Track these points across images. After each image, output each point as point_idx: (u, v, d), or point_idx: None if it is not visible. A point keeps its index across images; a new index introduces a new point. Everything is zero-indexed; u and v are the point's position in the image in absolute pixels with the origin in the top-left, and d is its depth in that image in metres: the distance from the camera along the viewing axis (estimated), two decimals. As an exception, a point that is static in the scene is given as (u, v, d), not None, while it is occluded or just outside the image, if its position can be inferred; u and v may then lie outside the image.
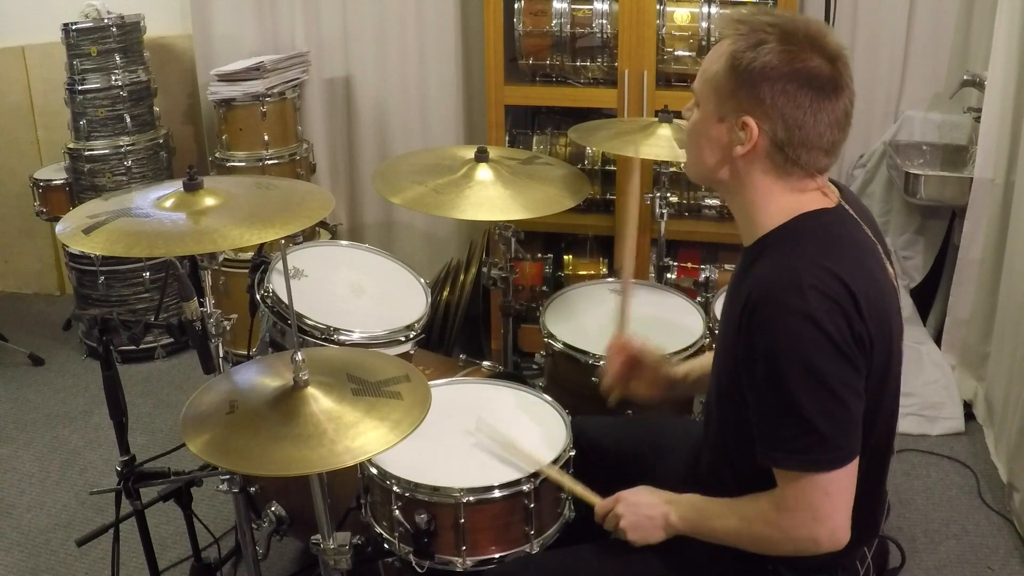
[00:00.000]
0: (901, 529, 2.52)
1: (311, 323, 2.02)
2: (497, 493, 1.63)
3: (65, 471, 2.89)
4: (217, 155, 3.46)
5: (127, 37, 3.41)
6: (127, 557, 2.24)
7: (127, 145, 3.45)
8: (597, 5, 3.03)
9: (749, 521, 1.40)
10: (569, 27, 3.05)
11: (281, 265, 1.55)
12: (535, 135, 3.33)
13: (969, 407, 3.03)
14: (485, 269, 2.63)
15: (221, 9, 3.63)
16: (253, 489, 2.03)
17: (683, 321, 2.34)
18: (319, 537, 1.57)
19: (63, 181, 3.52)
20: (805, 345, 1.27)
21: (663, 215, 2.66)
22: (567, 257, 3.34)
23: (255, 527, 2.07)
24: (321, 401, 1.43)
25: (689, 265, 3.22)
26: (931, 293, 3.34)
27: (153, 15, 3.59)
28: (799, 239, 1.36)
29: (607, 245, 3.26)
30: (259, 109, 3.35)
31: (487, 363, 2.28)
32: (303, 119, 3.64)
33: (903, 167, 3.13)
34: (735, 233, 1.50)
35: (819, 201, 1.40)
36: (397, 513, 1.65)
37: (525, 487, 1.65)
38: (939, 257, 3.33)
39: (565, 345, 2.21)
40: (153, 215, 1.75)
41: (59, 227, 1.75)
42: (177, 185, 1.82)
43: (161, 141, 3.57)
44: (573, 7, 3.04)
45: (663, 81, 3.06)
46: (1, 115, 3.96)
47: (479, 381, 2.05)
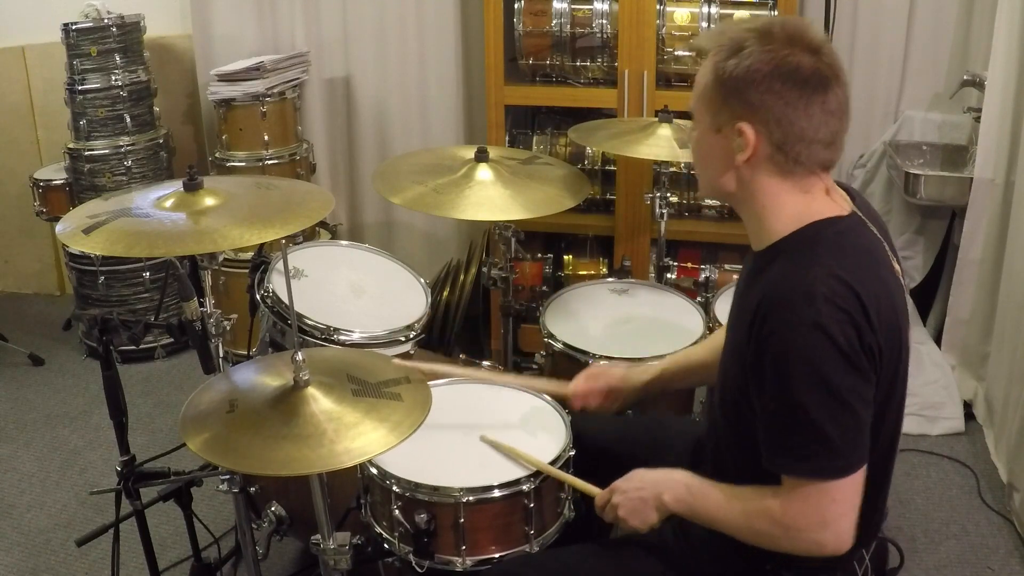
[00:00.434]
0: (901, 529, 2.52)
1: (311, 323, 2.03)
2: (497, 493, 1.63)
3: (65, 471, 2.89)
4: (217, 155, 3.46)
5: (127, 37, 3.41)
6: (127, 557, 2.24)
7: (127, 145, 3.45)
8: (597, 5, 3.03)
9: (752, 517, 1.39)
10: (569, 27, 3.05)
11: (281, 265, 1.55)
12: (535, 135, 3.33)
13: (969, 407, 3.03)
14: (485, 269, 2.63)
15: (221, 9, 3.63)
16: (253, 489, 2.02)
17: (683, 321, 2.34)
18: (319, 537, 1.57)
19: (63, 181, 3.52)
20: (815, 354, 1.27)
21: (663, 215, 2.65)
22: (567, 257, 3.34)
23: (255, 527, 2.07)
24: (321, 401, 1.43)
25: (689, 265, 3.22)
26: (931, 293, 3.33)
27: (153, 15, 3.59)
28: (813, 247, 1.35)
29: (607, 245, 3.26)
30: (259, 109, 3.35)
31: (487, 363, 2.28)
32: (303, 119, 3.64)
33: (903, 167, 3.12)
34: (735, 233, 1.50)
35: (830, 206, 1.40)
36: (397, 513, 1.65)
37: (525, 487, 1.65)
38: (939, 257, 3.33)
39: (565, 345, 2.21)
40: (153, 215, 1.75)
41: (59, 227, 1.75)
42: (177, 185, 1.82)
43: (161, 141, 3.57)
44: (573, 7, 3.04)
45: (663, 81, 3.06)
46: (1, 115, 3.96)
47: (479, 381, 2.05)
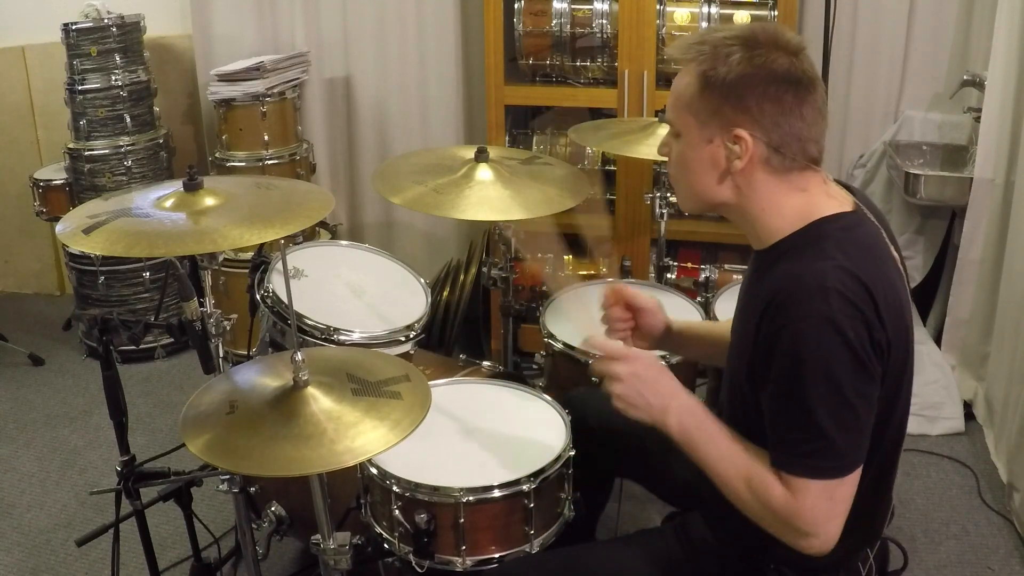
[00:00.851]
0: (901, 529, 2.52)
1: (311, 323, 2.03)
2: (497, 493, 1.63)
3: (65, 471, 2.89)
4: (217, 155, 3.46)
5: (127, 37, 3.41)
6: (127, 557, 2.24)
7: (127, 145, 3.45)
8: (597, 5, 3.03)
9: (751, 489, 1.36)
10: (569, 27, 3.05)
11: (281, 265, 1.55)
12: (535, 135, 3.33)
13: (969, 407, 3.03)
14: (485, 269, 2.62)
15: (221, 9, 3.63)
16: (253, 489, 2.02)
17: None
18: (319, 537, 1.57)
19: (63, 181, 3.52)
20: (825, 351, 1.27)
21: (663, 215, 2.65)
22: (567, 257, 3.34)
23: (255, 527, 2.07)
24: (321, 401, 1.43)
25: (689, 265, 3.22)
26: (931, 293, 3.33)
27: (153, 15, 3.59)
28: (820, 243, 1.34)
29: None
30: (259, 109, 3.35)
31: (487, 363, 2.28)
32: (303, 119, 3.64)
33: (903, 167, 3.12)
34: (735, 233, 1.50)
35: (832, 203, 1.39)
36: (397, 513, 1.65)
37: (525, 487, 1.65)
38: (939, 257, 3.33)
39: (565, 345, 2.21)
40: (153, 215, 1.75)
41: (59, 227, 1.75)
42: (177, 185, 1.82)
43: (161, 141, 3.57)
44: (573, 7, 3.04)
45: (663, 81, 3.05)
46: (1, 115, 3.96)
47: (479, 381, 2.05)
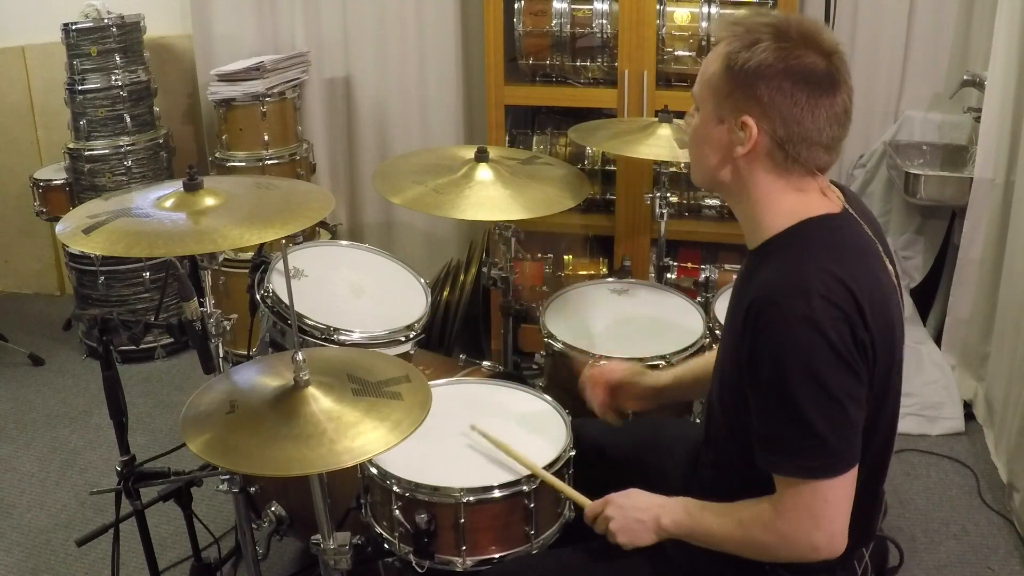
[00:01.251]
0: (901, 529, 2.52)
1: (311, 323, 2.03)
2: (497, 493, 1.63)
3: (65, 471, 2.89)
4: (217, 155, 3.46)
5: (127, 37, 3.41)
6: (127, 557, 2.24)
7: (127, 145, 3.45)
8: (597, 5, 3.02)
9: (747, 527, 1.39)
10: (569, 27, 3.05)
11: (281, 265, 1.55)
12: (535, 135, 3.33)
13: (969, 407, 3.03)
14: (485, 269, 2.63)
15: (221, 9, 3.63)
16: (253, 489, 2.02)
17: (683, 321, 2.34)
18: (319, 537, 1.57)
19: (63, 181, 3.52)
20: (809, 352, 1.27)
21: (663, 215, 2.65)
22: (567, 257, 3.34)
23: (255, 527, 2.07)
24: (321, 401, 1.43)
25: (689, 265, 3.22)
26: (931, 293, 3.33)
27: (153, 15, 3.59)
28: (806, 244, 1.35)
29: (607, 245, 3.26)
30: (259, 109, 3.35)
31: (487, 363, 2.28)
32: (303, 119, 3.64)
33: (903, 167, 3.12)
34: (735, 233, 1.50)
35: (823, 205, 1.40)
36: (397, 513, 1.65)
37: (525, 487, 1.65)
38: (939, 257, 3.33)
39: (565, 345, 2.21)
40: (153, 215, 1.74)
41: (59, 227, 1.75)
42: (177, 185, 1.82)
43: (161, 141, 3.57)
44: (573, 7, 3.04)
45: (663, 81, 3.05)
46: (1, 115, 3.96)
47: (479, 381, 2.05)
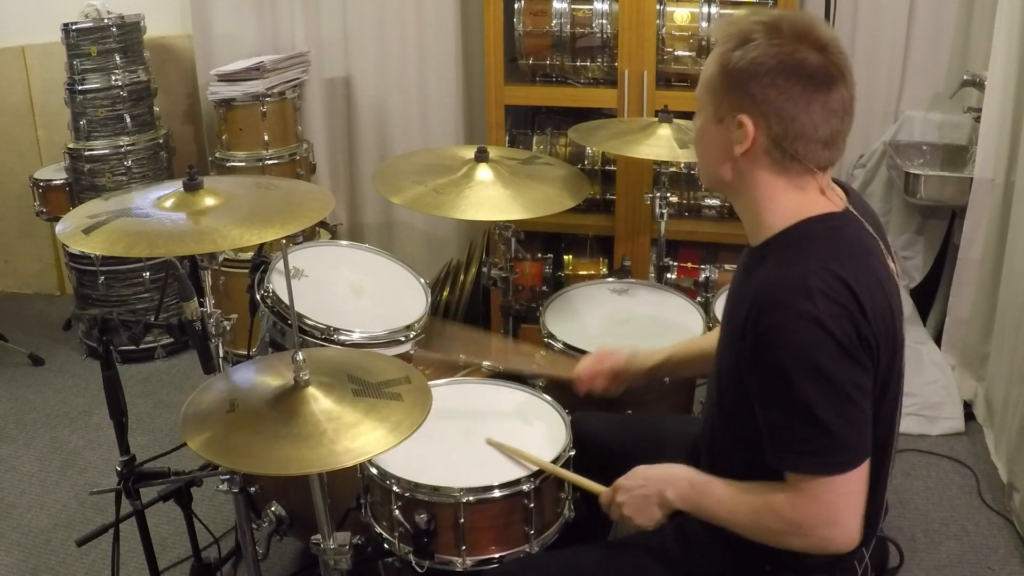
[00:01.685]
0: (901, 529, 2.52)
1: (311, 323, 2.03)
2: (497, 493, 1.63)
3: (65, 471, 2.89)
4: (217, 155, 3.46)
5: (127, 37, 3.41)
6: (127, 557, 2.24)
7: (127, 145, 3.45)
8: (597, 5, 3.03)
9: (759, 514, 1.38)
10: (569, 27, 3.05)
11: (281, 265, 1.55)
12: (535, 135, 3.33)
13: (969, 407, 3.03)
14: (485, 269, 2.63)
15: (221, 9, 3.63)
16: (253, 489, 2.02)
17: (683, 321, 2.34)
18: (319, 537, 1.57)
19: (63, 181, 3.52)
20: (814, 349, 1.27)
21: (663, 215, 2.65)
22: (567, 257, 3.34)
23: (255, 527, 2.07)
24: (321, 401, 1.43)
25: (689, 265, 3.22)
26: (931, 293, 3.33)
27: (153, 15, 3.59)
28: (807, 243, 1.35)
29: (607, 245, 3.26)
30: (259, 109, 3.35)
31: (487, 363, 2.28)
32: (303, 119, 3.64)
33: (903, 167, 3.12)
34: (735, 233, 1.50)
35: (824, 203, 1.40)
36: (397, 513, 1.65)
37: (525, 487, 1.65)
38: (939, 257, 3.33)
39: (565, 345, 2.21)
40: (153, 215, 1.75)
41: (59, 227, 1.75)
42: (177, 185, 1.82)
43: (161, 141, 3.57)
44: (573, 7, 3.04)
45: (663, 81, 3.06)
46: (1, 115, 3.96)
47: (479, 381, 2.05)
